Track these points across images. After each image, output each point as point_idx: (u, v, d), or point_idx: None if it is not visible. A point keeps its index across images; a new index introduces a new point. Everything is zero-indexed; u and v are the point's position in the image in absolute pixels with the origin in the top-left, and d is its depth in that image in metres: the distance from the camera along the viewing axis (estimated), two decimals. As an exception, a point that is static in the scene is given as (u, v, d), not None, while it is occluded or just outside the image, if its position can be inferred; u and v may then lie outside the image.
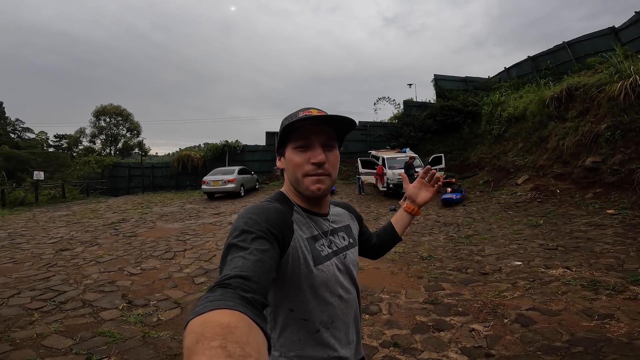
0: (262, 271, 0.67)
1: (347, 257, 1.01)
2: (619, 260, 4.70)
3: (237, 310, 0.51)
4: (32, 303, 4.10)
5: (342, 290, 0.96)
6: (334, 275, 0.94)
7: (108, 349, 3.02)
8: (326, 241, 0.97)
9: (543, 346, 2.80)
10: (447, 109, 18.53)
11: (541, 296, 3.81)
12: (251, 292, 0.60)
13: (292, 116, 0.93)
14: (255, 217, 0.80)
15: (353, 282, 1.03)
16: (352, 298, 1.00)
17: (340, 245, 1.01)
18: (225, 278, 0.62)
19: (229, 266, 0.67)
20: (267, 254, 0.72)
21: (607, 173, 8.67)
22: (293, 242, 0.86)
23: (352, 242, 1.07)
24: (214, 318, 0.47)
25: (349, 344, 0.98)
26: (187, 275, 5.09)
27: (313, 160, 0.90)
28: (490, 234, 7.07)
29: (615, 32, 13.72)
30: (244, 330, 0.46)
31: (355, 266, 1.05)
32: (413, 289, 4.36)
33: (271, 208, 0.86)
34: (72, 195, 19.30)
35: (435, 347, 2.94)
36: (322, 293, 0.90)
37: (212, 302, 0.52)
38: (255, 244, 0.73)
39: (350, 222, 1.14)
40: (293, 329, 0.89)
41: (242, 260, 0.68)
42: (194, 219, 10.25)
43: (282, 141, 0.95)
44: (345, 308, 0.96)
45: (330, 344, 0.91)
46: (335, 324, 0.93)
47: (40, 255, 6.44)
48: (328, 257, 0.94)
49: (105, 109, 39.18)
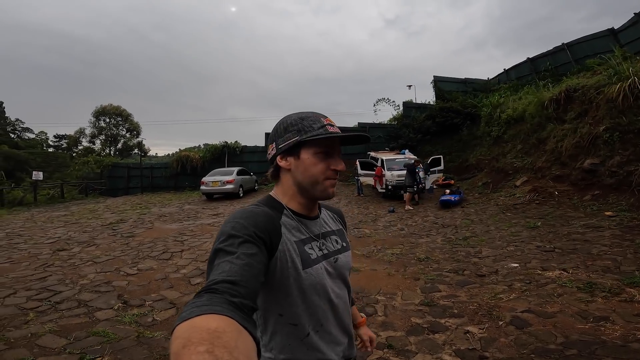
0: (250, 275, 0.67)
1: (338, 260, 1.00)
2: (615, 263, 4.69)
3: (225, 315, 0.50)
4: (28, 303, 4.10)
5: (333, 294, 0.95)
6: (323, 278, 0.93)
7: (102, 348, 3.02)
8: (317, 244, 0.97)
9: (537, 349, 2.79)
10: (446, 110, 18.53)
11: (537, 298, 3.81)
12: (239, 296, 0.60)
13: (314, 120, 0.94)
14: (242, 222, 0.79)
15: (345, 285, 1.03)
16: (343, 302, 1.00)
17: (332, 248, 1.01)
18: (213, 283, 0.62)
19: (216, 271, 0.67)
20: (255, 258, 0.72)
21: (605, 175, 8.67)
22: (281, 245, 0.86)
23: (345, 245, 1.07)
24: (201, 323, 0.47)
25: (338, 347, 0.97)
26: (184, 276, 5.09)
27: (334, 167, 0.94)
28: (488, 235, 7.07)
29: (614, 34, 13.75)
30: (232, 335, 0.46)
31: (347, 270, 1.04)
32: (409, 290, 4.35)
33: (259, 212, 0.86)
34: (70, 196, 19.32)
35: (430, 349, 2.94)
36: (311, 296, 0.90)
37: (199, 307, 0.52)
38: (243, 248, 0.72)
39: (341, 227, 1.14)
40: (283, 334, 0.89)
41: (230, 265, 0.67)
42: (192, 220, 10.25)
43: (298, 143, 0.93)
44: (335, 311, 0.96)
45: (320, 348, 0.91)
46: (325, 327, 0.93)
47: (37, 255, 6.43)
48: (317, 261, 0.93)
49: (105, 109, 39.17)
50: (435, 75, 21.65)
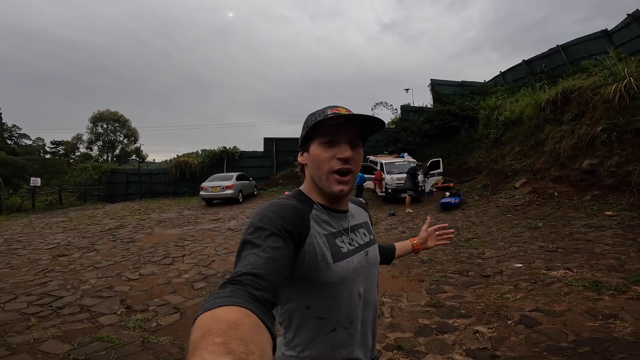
0: (274, 269, 0.67)
1: (369, 254, 0.99)
2: (619, 261, 4.69)
3: (244, 307, 0.51)
4: (29, 308, 4.04)
5: (363, 288, 0.94)
6: (355, 272, 0.91)
7: (107, 354, 2.97)
8: (347, 238, 0.95)
9: (549, 347, 2.77)
10: (444, 113, 18.60)
11: (544, 297, 3.79)
12: (261, 290, 0.60)
13: (320, 113, 0.93)
14: (270, 214, 0.80)
15: (375, 280, 1.01)
16: (372, 298, 0.98)
17: (362, 242, 1.00)
18: (237, 275, 0.63)
19: (242, 263, 0.68)
20: (281, 251, 0.72)
21: (604, 175, 8.71)
22: (309, 238, 0.85)
23: (372, 238, 1.06)
24: (221, 314, 0.48)
25: (365, 346, 0.95)
26: (186, 281, 5.04)
27: (339, 155, 0.90)
28: (490, 237, 7.06)
29: (608, 35, 13.86)
30: (249, 328, 0.46)
31: (376, 264, 1.03)
32: (414, 292, 4.33)
33: (287, 205, 0.86)
34: (69, 202, 19.21)
35: (440, 349, 2.91)
36: (340, 291, 0.88)
37: (222, 298, 0.53)
38: (269, 241, 0.72)
39: (368, 219, 1.13)
40: (308, 328, 0.87)
41: (255, 258, 0.68)
42: (192, 225, 10.19)
43: (307, 137, 0.94)
44: (365, 307, 0.94)
45: (345, 345, 0.89)
46: (354, 324, 0.91)
47: (37, 260, 6.36)
48: (348, 254, 0.92)
49: (103, 115, 39.10)
50: (432, 79, 21.75)
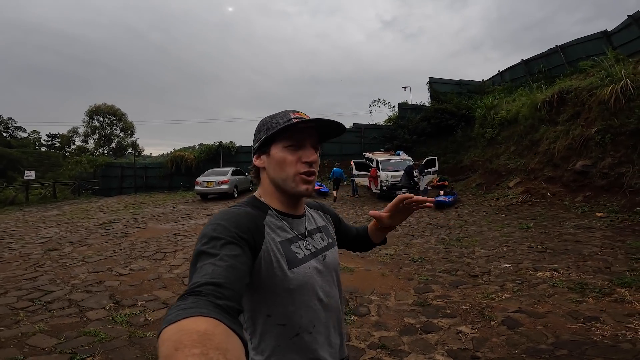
0: (235, 277, 0.66)
1: (326, 257, 0.99)
2: (606, 263, 4.74)
3: (212, 317, 0.50)
4: (19, 302, 4.05)
5: (323, 292, 0.94)
6: (312, 277, 0.92)
7: (93, 348, 2.99)
8: (304, 243, 0.95)
9: (528, 349, 2.81)
10: (441, 112, 18.63)
11: (528, 298, 3.84)
12: (224, 299, 0.59)
13: (282, 117, 0.93)
14: (224, 223, 0.78)
15: (336, 283, 1.01)
16: (334, 301, 0.98)
17: (319, 246, 1.00)
18: (196, 286, 0.60)
19: (199, 274, 0.65)
20: (239, 259, 0.71)
21: (596, 176, 8.77)
22: (264, 245, 0.84)
23: (331, 242, 1.06)
24: (189, 326, 0.46)
25: (332, 348, 0.96)
26: (177, 276, 5.06)
27: (305, 159, 0.91)
28: (481, 236, 7.11)
29: (607, 36, 13.87)
30: (221, 337, 0.45)
31: (336, 267, 1.03)
32: (403, 291, 4.36)
33: (241, 212, 0.85)
34: (63, 195, 19.14)
35: (422, 349, 2.95)
36: (299, 297, 0.88)
37: (185, 309, 0.51)
38: (226, 250, 0.71)
39: (326, 222, 1.13)
40: (272, 335, 0.87)
41: (213, 267, 0.66)
42: (186, 220, 10.20)
43: (267, 140, 0.94)
44: (326, 311, 0.94)
45: (310, 349, 0.90)
46: (317, 328, 0.91)
47: (28, 255, 6.36)
48: (305, 260, 0.92)
49: (99, 108, 38.88)
50: (430, 77, 21.75)
